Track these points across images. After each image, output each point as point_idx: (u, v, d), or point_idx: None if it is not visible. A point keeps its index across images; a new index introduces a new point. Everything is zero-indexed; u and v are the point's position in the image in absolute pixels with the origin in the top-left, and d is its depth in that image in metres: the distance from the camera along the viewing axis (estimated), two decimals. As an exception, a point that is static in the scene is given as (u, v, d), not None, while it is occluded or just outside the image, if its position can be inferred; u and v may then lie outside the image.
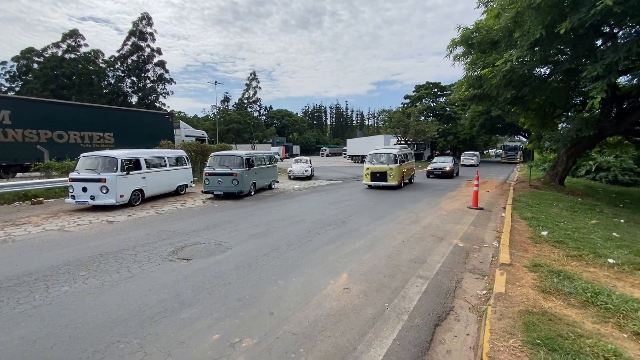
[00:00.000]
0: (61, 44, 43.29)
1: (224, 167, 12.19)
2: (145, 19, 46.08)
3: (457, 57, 13.96)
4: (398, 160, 14.75)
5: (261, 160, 14.15)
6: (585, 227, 7.64)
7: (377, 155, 15.45)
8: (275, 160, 16.39)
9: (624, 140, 16.80)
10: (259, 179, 13.64)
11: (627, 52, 8.51)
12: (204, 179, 12.08)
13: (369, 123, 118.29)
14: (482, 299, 4.13)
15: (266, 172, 14.49)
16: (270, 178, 15.12)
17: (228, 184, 11.91)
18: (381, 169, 14.73)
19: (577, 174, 22.21)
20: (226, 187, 11.92)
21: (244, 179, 11.97)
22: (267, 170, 14.67)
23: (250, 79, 73.20)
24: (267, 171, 14.58)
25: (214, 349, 3.00)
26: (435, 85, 54.16)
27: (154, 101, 48.01)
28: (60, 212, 9.50)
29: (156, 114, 24.05)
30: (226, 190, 11.92)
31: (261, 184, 13.97)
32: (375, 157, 15.47)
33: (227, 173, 11.97)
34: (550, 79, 12.11)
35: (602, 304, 3.69)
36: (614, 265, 5.12)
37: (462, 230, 7.51)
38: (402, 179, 15.22)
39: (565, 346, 2.78)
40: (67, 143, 16.62)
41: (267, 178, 14.73)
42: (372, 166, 15.03)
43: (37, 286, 4.40)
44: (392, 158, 14.85)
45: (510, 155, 41.51)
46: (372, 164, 15.16)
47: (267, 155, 15.41)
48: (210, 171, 12.13)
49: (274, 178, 15.54)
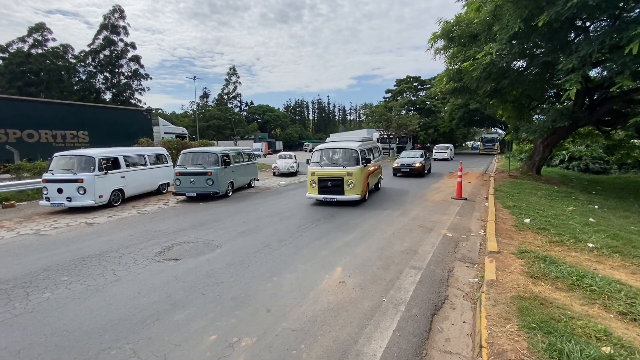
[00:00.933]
0: (27, 38, 40.74)
1: (197, 165, 11.06)
2: (118, 11, 44.04)
3: (438, 50, 14.15)
4: (361, 159, 9.64)
5: (239, 157, 13.09)
6: (564, 214, 7.97)
7: (328, 152, 10.28)
8: (255, 157, 15.12)
9: (595, 130, 17.59)
10: (237, 177, 12.63)
11: (601, 44, 8.87)
12: (175, 180, 10.95)
13: (351, 118, 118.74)
14: (474, 287, 4.22)
15: (244, 170, 13.43)
16: (250, 176, 13.99)
17: (202, 185, 10.81)
18: (335, 174, 9.43)
19: (551, 163, 23.14)
20: (200, 188, 10.81)
21: (219, 179, 10.97)
22: (246, 168, 13.60)
23: (230, 74, 71.61)
24: (245, 169, 13.52)
25: (212, 350, 2.92)
26: (416, 80, 54.85)
27: (129, 98, 46.14)
28: (34, 215, 9.01)
29: (133, 111, 23.16)
30: (200, 191, 10.81)
31: (240, 182, 12.98)
32: (325, 154, 10.27)
33: (200, 172, 10.81)
34: (527, 72, 12.49)
35: (587, 287, 3.85)
36: (594, 249, 5.37)
37: (449, 221, 7.66)
38: (366, 188, 10.08)
39: (559, 328, 2.88)
40: (38, 142, 15.75)
41: (246, 176, 13.66)
42: (321, 170, 9.62)
43: (16, 294, 4.15)
44: (351, 156, 9.80)
45: (488, 147, 42.74)
46: (321, 166, 9.79)
47: (246, 151, 14.29)
48: (181, 170, 10.92)
49: (253, 176, 14.43)
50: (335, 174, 9.46)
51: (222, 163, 11.19)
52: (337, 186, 9.41)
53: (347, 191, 9.35)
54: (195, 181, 10.82)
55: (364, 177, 9.72)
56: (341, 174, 9.40)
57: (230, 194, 11.86)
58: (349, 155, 9.90)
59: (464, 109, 40.95)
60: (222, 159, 11.32)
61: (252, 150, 15.45)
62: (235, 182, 12.47)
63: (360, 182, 9.43)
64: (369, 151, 11.19)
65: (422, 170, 17.09)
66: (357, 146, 10.04)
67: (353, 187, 9.30)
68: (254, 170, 14.71)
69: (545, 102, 16.85)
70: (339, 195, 9.38)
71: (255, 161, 14.97)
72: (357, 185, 9.33)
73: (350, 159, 9.79)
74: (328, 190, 9.48)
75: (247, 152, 14.43)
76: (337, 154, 10.17)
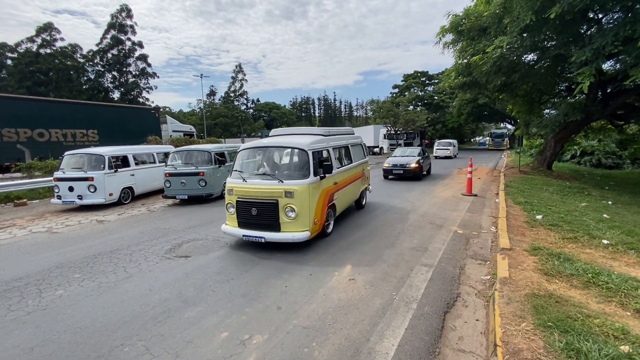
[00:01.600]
0: (35, 38, 41.33)
1: (188, 165, 10.10)
2: (125, 10, 44.35)
3: (446, 44, 13.92)
4: (313, 167, 5.58)
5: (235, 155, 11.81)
6: (577, 210, 7.82)
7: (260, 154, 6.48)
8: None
9: (607, 124, 17.22)
10: None
11: (615, 36, 8.63)
12: (165, 181, 9.93)
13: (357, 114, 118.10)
14: (487, 285, 4.15)
15: None
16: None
17: (194, 186, 9.77)
18: (263, 193, 5.46)
19: (562, 158, 22.75)
20: (191, 190, 9.78)
21: (213, 179, 9.93)
22: None
23: (236, 72, 71.75)
24: None
25: (223, 348, 2.92)
26: (423, 74, 54.31)
27: (137, 96, 46.59)
28: (46, 213, 9.15)
29: (142, 110, 23.36)
30: (192, 193, 9.79)
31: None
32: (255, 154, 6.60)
33: (191, 172, 9.76)
34: (538, 65, 12.23)
35: (603, 284, 3.75)
36: (609, 246, 5.24)
37: (459, 217, 7.56)
38: (323, 219, 5.87)
39: (576, 327, 2.81)
40: (48, 141, 15.99)
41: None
42: (243, 185, 5.65)
43: (29, 291, 4.21)
44: (298, 162, 6.12)
45: (497, 142, 42.17)
46: (243, 178, 5.75)
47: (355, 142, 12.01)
48: (171, 171, 9.86)
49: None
50: (265, 194, 5.33)
51: (215, 162, 10.13)
52: (267, 215, 5.31)
53: (286, 225, 5.26)
54: (187, 182, 9.78)
55: (320, 199, 5.60)
56: (274, 194, 5.27)
57: None
58: (294, 160, 6.20)
59: (472, 103, 40.43)
60: (216, 157, 10.26)
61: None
62: None
63: (310, 208, 5.32)
64: (338, 152, 7.17)
65: (419, 172, 13.74)
66: (309, 143, 5.77)
67: (296, 217, 5.20)
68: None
69: (556, 96, 16.51)
70: (269, 232, 5.29)
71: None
72: (302, 215, 5.23)
73: (295, 167, 5.97)
74: (252, 223, 5.42)
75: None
76: (275, 158, 6.39)
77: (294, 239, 5.22)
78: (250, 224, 5.48)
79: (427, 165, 15.47)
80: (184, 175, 9.85)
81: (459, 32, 13.07)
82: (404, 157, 14.62)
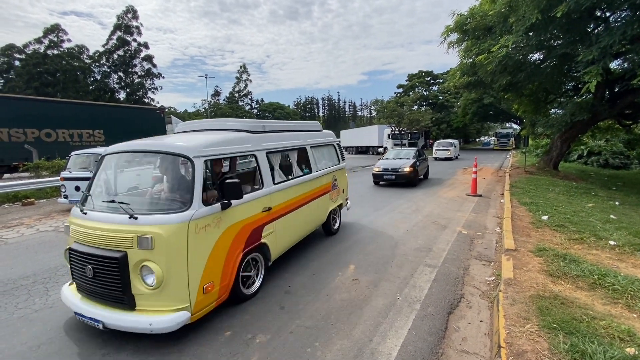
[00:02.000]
0: (43, 39, 41.85)
1: None
2: (131, 12, 44.73)
3: (451, 44, 13.85)
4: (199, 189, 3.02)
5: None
6: (583, 211, 7.73)
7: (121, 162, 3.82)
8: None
9: (615, 124, 17.01)
10: None
11: (622, 35, 8.54)
12: None
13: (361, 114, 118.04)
14: (491, 285, 4.13)
15: None
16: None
17: None
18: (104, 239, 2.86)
19: (569, 158, 22.53)
20: None
21: None
22: None
23: (241, 72, 72.00)
24: None
25: (227, 346, 2.93)
26: (428, 74, 54.08)
27: (142, 97, 46.98)
28: (53, 213, 9.26)
29: (147, 110, 23.55)
30: None
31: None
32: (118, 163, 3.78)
33: None
34: (544, 65, 12.12)
35: (609, 286, 3.71)
36: (615, 247, 5.18)
37: (463, 218, 7.52)
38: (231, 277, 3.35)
39: (581, 329, 2.79)
40: (55, 141, 16.17)
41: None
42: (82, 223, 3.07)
43: (36, 289, 4.27)
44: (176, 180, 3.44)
45: (503, 142, 41.92)
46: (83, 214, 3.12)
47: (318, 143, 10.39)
48: None
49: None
50: (103, 240, 2.89)
51: None
52: (107, 281, 2.87)
53: (142, 299, 2.84)
54: None
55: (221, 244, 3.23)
56: (119, 241, 2.83)
57: None
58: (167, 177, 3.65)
59: (477, 103, 40.20)
60: None
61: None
62: None
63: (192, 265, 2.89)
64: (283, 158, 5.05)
65: (414, 177, 11.99)
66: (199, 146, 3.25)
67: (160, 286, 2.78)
68: None
69: (563, 96, 16.34)
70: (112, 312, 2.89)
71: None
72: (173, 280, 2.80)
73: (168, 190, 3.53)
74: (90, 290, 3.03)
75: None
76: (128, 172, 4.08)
77: (151, 329, 2.73)
78: (88, 291, 3.08)
79: (423, 169, 13.77)
80: None
81: (463, 31, 13.00)
82: (397, 160, 12.76)
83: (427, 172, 14.49)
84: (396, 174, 11.95)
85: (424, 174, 13.92)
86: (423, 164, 13.65)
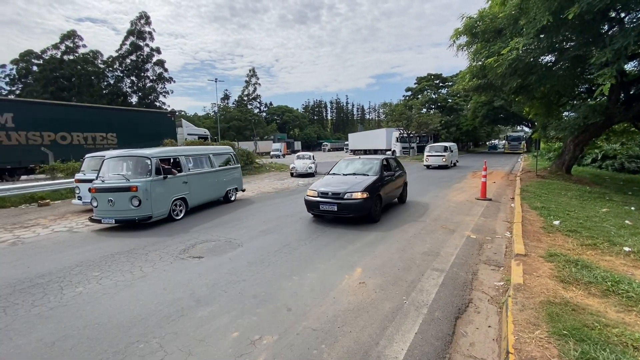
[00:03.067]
0: (60, 45, 43.14)
1: (118, 176, 7.69)
2: (144, 17, 45.76)
3: (460, 47, 13.77)
4: None
5: (202, 161, 9.72)
6: (597, 216, 7.56)
7: None
8: (236, 161, 11.39)
9: (631, 127, 16.61)
10: (197, 191, 9.04)
11: (637, 36, 8.37)
12: (91, 198, 7.65)
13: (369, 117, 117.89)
14: (500, 291, 4.08)
15: (214, 179, 9.87)
16: (226, 187, 10.45)
17: (123, 206, 7.33)
18: None
19: (582, 162, 22.06)
20: (120, 211, 7.37)
21: (152, 196, 7.48)
22: (214, 177, 9.89)
23: (250, 76, 72.54)
24: (215, 178, 9.95)
25: (234, 347, 2.97)
26: (437, 77, 53.67)
27: (154, 101, 47.86)
28: (67, 214, 9.50)
29: (158, 113, 24.02)
30: (121, 217, 7.37)
31: (200, 198, 9.30)
32: None
33: (120, 187, 7.36)
34: (556, 67, 11.94)
35: (623, 293, 3.63)
36: (630, 254, 5.05)
37: (472, 222, 7.44)
38: None
39: (593, 336, 2.73)
40: (70, 144, 16.63)
41: (218, 187, 10.09)
42: None
43: (51, 288, 4.38)
44: None
45: (514, 146, 41.32)
46: None
47: (217, 152, 10.57)
48: (98, 185, 7.57)
49: (234, 186, 10.87)
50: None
51: (158, 172, 7.80)
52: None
53: None
54: (115, 200, 7.35)
55: None
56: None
57: (179, 217, 8.31)
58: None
59: (487, 106, 39.76)
60: (160, 165, 7.94)
61: (231, 152, 11.56)
62: (190, 198, 8.79)
63: None
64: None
65: (371, 207, 7.31)
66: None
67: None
68: (235, 179, 11.07)
69: (576, 98, 16.06)
70: None
71: (237, 166, 11.32)
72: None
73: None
74: None
75: (220, 153, 10.83)
76: None
77: None
78: None
79: (394, 189, 8.97)
80: (110, 191, 7.42)
81: (473, 34, 12.91)
82: (348, 177, 8.16)
83: (403, 192, 9.89)
84: (339, 203, 7.16)
85: (397, 195, 9.49)
86: (393, 183, 8.84)
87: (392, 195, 8.94)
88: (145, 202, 7.40)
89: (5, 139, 14.59)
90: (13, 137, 14.79)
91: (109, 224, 7.52)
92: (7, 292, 4.30)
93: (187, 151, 9.42)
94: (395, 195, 9.25)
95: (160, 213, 7.81)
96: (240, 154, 21.83)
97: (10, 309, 3.82)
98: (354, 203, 7.09)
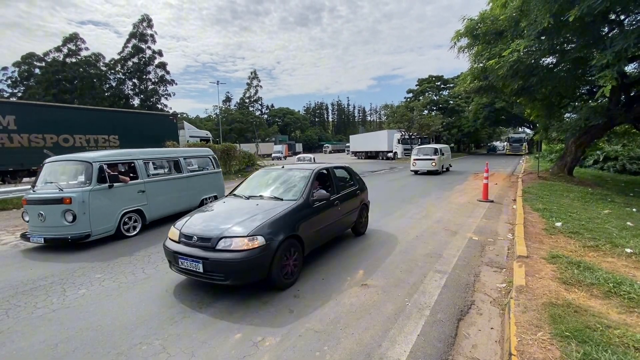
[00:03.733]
0: (62, 48, 43.41)
1: (52, 185, 6.32)
2: (146, 20, 46.00)
3: (461, 48, 13.81)
4: None
5: (165, 165, 8.50)
6: (599, 217, 7.55)
7: None
8: (215, 165, 9.79)
9: (632, 128, 16.60)
10: (158, 201, 7.64)
11: (637, 38, 8.38)
12: (22, 212, 6.48)
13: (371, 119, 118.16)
14: (502, 292, 4.08)
15: (179, 186, 8.25)
16: (197, 196, 8.80)
17: (55, 221, 6.06)
18: None
19: (584, 164, 22.02)
20: (51, 228, 6.11)
21: (91, 209, 6.15)
22: (183, 184, 8.39)
23: (251, 78, 72.92)
24: (180, 185, 8.29)
25: (237, 348, 2.98)
26: (438, 79, 53.80)
27: (156, 103, 48.06)
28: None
29: (160, 116, 24.11)
30: (50, 234, 6.10)
31: (164, 209, 7.84)
32: None
33: (51, 199, 6.04)
34: (557, 69, 11.96)
35: (625, 294, 3.63)
36: (632, 255, 5.05)
37: (474, 224, 7.44)
38: None
39: (595, 337, 2.74)
40: (73, 147, 16.66)
41: (187, 197, 8.49)
42: None
43: (54, 290, 4.40)
44: None
45: (515, 147, 41.28)
46: None
47: (190, 155, 9.17)
48: (29, 197, 6.28)
49: (209, 194, 9.17)
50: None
51: (102, 179, 6.40)
52: None
53: None
54: (46, 214, 6.09)
55: None
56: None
57: (133, 234, 6.99)
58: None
59: (489, 108, 39.79)
60: (106, 172, 6.51)
61: (210, 154, 9.90)
62: (155, 209, 7.57)
63: None
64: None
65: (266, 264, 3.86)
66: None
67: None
68: (212, 185, 9.47)
69: (577, 100, 16.05)
70: None
71: (216, 170, 9.77)
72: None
73: None
74: None
75: (194, 155, 9.50)
76: None
77: None
78: None
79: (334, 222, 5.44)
80: (41, 203, 6.14)
81: (474, 36, 12.95)
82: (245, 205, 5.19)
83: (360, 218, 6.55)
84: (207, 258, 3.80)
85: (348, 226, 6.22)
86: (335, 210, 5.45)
87: (331, 231, 5.48)
88: (81, 216, 6.02)
89: (8, 141, 14.64)
90: (15, 139, 14.84)
91: (37, 242, 6.17)
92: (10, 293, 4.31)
93: (146, 154, 7.60)
94: (340, 228, 5.91)
95: (103, 230, 6.40)
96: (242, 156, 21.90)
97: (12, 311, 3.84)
98: (231, 260, 3.71)
